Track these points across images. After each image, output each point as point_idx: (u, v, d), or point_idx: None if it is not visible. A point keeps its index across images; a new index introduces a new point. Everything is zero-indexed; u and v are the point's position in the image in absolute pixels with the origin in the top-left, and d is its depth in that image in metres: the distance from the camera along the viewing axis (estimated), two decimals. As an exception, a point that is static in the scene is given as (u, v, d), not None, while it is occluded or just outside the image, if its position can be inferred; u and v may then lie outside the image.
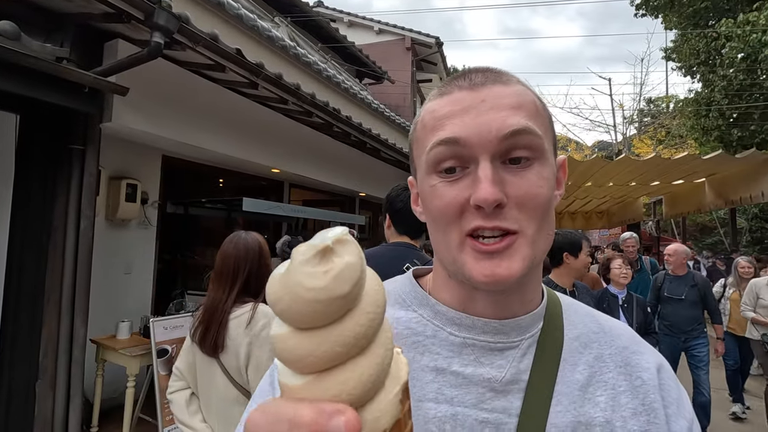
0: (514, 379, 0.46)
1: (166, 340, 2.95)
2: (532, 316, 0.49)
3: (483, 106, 0.43)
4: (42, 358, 2.71)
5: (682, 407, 0.48)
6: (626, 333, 0.53)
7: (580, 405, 0.45)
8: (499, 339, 0.47)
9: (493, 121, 0.42)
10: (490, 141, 0.42)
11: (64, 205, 2.78)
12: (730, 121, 8.17)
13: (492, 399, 0.45)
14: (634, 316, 2.87)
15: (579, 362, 0.48)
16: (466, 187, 0.43)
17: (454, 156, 0.43)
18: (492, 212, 0.42)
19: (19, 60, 2.09)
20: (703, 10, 8.72)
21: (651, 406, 0.46)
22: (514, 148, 0.43)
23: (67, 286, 2.74)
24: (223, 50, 2.90)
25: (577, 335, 0.51)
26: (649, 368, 0.49)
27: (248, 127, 4.10)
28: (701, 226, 17.27)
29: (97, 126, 2.86)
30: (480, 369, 0.46)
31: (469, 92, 0.45)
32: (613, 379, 0.48)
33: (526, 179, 0.43)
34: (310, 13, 6.56)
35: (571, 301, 0.57)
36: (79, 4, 2.46)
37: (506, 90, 0.45)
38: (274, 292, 0.22)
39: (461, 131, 0.43)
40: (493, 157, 0.43)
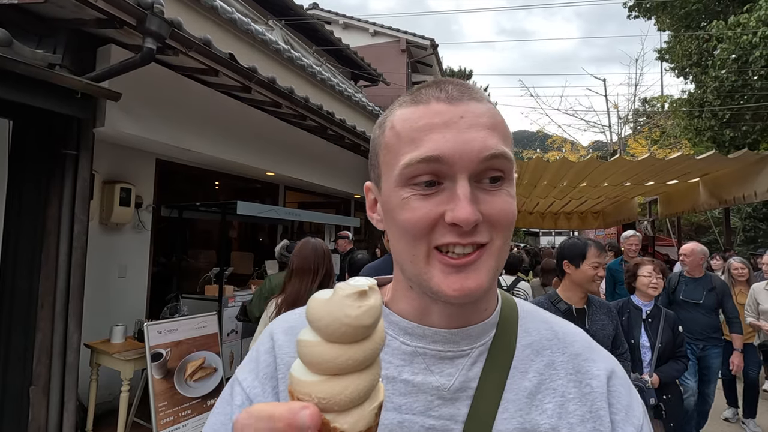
0: (462, 387, 0.47)
1: (160, 343, 2.96)
2: (484, 325, 0.50)
3: (462, 123, 0.44)
4: (36, 363, 2.72)
5: (632, 414, 0.49)
6: (580, 340, 0.54)
7: (526, 412, 0.46)
8: (450, 348, 0.48)
9: (474, 140, 0.43)
10: (471, 161, 0.43)
11: (57, 209, 2.78)
12: (723, 122, 8.24)
13: (440, 406, 0.46)
14: (659, 334, 2.41)
15: (529, 370, 0.49)
16: (439, 203, 0.43)
17: (432, 172, 0.43)
18: (469, 230, 0.42)
19: (11, 66, 2.10)
20: (695, 12, 8.79)
21: (597, 413, 0.47)
22: (490, 168, 0.44)
23: (60, 290, 2.75)
24: (216, 55, 2.92)
25: (530, 342, 0.51)
26: (599, 375, 0.50)
27: (242, 130, 4.11)
28: (696, 225, 17.37)
29: (90, 131, 2.87)
30: (430, 377, 0.47)
31: (447, 105, 0.45)
32: (563, 387, 0.48)
33: (498, 198, 0.44)
34: (305, 16, 6.57)
35: (531, 308, 0.57)
36: (71, 10, 2.47)
37: (481, 108, 0.45)
38: (317, 311, 0.30)
39: (443, 148, 0.43)
40: (471, 176, 0.43)
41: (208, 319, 3.33)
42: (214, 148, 3.78)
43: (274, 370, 0.50)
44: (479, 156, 0.43)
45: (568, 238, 2.15)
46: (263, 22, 5.86)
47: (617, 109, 16.20)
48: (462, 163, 0.42)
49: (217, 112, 3.81)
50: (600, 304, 2.08)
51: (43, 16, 2.74)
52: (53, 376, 2.71)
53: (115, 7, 2.33)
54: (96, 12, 2.39)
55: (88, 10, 2.40)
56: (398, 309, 0.51)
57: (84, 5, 2.30)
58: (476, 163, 0.43)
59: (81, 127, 2.82)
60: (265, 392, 0.49)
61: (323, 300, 0.30)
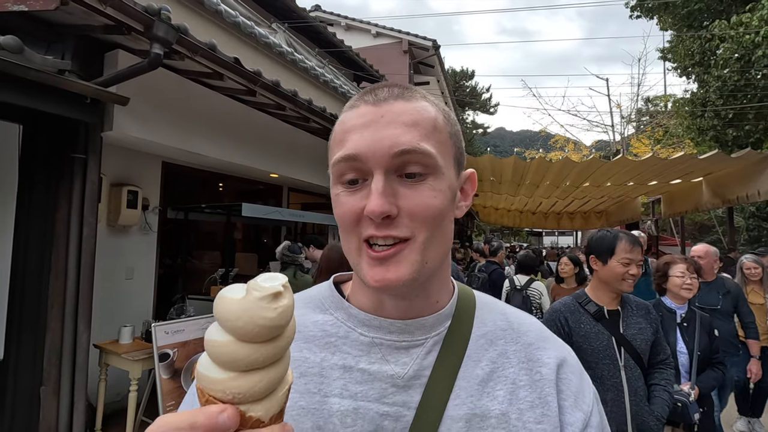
0: (416, 375, 0.49)
1: (167, 344, 3.00)
2: (438, 316, 0.52)
3: (382, 121, 0.46)
4: (46, 364, 2.76)
5: (581, 400, 0.51)
6: (534, 330, 0.56)
7: (477, 398, 0.49)
8: (405, 338, 0.51)
9: (386, 138, 0.45)
10: (382, 157, 0.45)
11: (66, 212, 2.83)
12: (726, 121, 8.23)
13: (394, 393, 0.48)
14: (696, 339, 2.18)
15: (483, 358, 0.52)
16: (362, 197, 0.46)
17: (354, 169, 0.46)
18: (383, 222, 0.45)
19: (22, 73, 2.15)
20: (697, 11, 8.78)
21: (546, 399, 0.50)
22: (407, 163, 0.46)
23: (70, 291, 2.79)
24: (221, 59, 2.96)
25: (485, 333, 0.54)
26: (549, 363, 0.52)
27: (246, 132, 4.16)
28: (699, 224, 17.32)
29: (98, 135, 2.91)
30: (385, 366, 0.49)
31: (372, 107, 0.47)
32: (515, 374, 0.51)
33: (418, 192, 0.46)
34: (308, 19, 6.62)
35: (489, 300, 0.60)
36: (80, 16, 2.52)
37: (406, 106, 0.48)
38: (232, 311, 0.29)
39: (359, 147, 0.46)
40: (387, 171, 0.45)
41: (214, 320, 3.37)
42: (220, 151, 3.82)
43: None
44: (390, 152, 0.45)
45: (597, 231, 1.90)
46: (266, 25, 5.91)
47: (620, 109, 16.17)
48: (375, 159, 0.45)
49: (222, 115, 3.85)
50: (637, 304, 1.83)
51: (52, 23, 2.78)
52: (63, 376, 2.76)
53: (123, 14, 2.37)
54: (104, 18, 2.44)
55: (97, 17, 2.44)
56: (357, 302, 0.54)
57: (93, 12, 2.35)
58: (388, 159, 0.45)
59: (89, 131, 2.86)
60: None
61: (236, 300, 0.29)
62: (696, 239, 17.06)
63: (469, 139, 25.70)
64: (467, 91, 31.06)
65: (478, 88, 32.56)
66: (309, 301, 0.57)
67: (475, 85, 32.45)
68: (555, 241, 31.42)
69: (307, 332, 0.53)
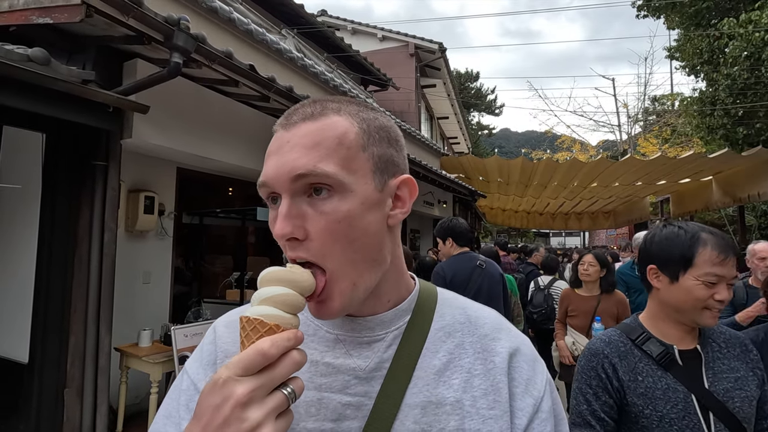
0: (377, 367, 0.52)
1: (186, 347, 3.05)
2: (396, 311, 0.55)
3: (286, 146, 0.48)
4: (69, 366, 2.83)
5: (531, 387, 0.54)
6: (491, 322, 0.59)
7: (434, 387, 0.52)
8: (366, 334, 0.54)
9: (286, 164, 0.47)
10: (284, 182, 0.47)
11: (88, 218, 2.90)
12: (735, 120, 8.17)
13: (356, 385, 0.52)
14: None
15: (440, 350, 0.54)
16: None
17: (269, 193, 0.49)
18: (290, 243, 0.47)
19: (50, 84, 2.22)
20: (705, 9, 8.74)
21: (497, 386, 0.52)
22: (308, 185, 0.47)
23: (92, 296, 2.86)
24: (237, 66, 3.02)
25: (443, 326, 0.57)
26: (501, 353, 0.55)
27: (259, 137, 4.21)
28: (709, 224, 17.17)
29: (118, 142, 2.98)
30: (348, 360, 0.53)
31: (283, 132, 0.50)
32: (470, 364, 0.54)
33: (324, 214, 0.47)
34: (316, 24, 6.69)
35: (449, 296, 0.62)
36: (101, 27, 2.59)
37: (311, 127, 0.48)
38: (301, 276, 0.45)
39: (267, 173, 0.48)
40: (293, 194, 0.47)
41: (231, 323, 3.43)
42: (234, 156, 3.88)
43: (215, 357, 0.57)
44: (288, 177, 0.46)
45: (659, 225, 1.22)
46: (276, 31, 5.98)
47: (627, 108, 16.11)
48: (279, 184, 0.47)
49: (236, 120, 3.92)
50: (728, 339, 1.15)
51: (73, 34, 2.86)
52: (86, 378, 2.82)
53: (144, 25, 2.43)
54: (125, 29, 2.50)
55: (119, 28, 2.51)
56: None
57: (115, 23, 2.41)
58: (288, 184, 0.46)
59: (110, 139, 2.93)
60: (206, 376, 0.55)
61: (298, 270, 0.45)
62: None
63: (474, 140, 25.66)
64: (472, 92, 31.07)
65: (483, 90, 32.57)
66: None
67: (480, 87, 32.47)
68: (562, 242, 31.25)
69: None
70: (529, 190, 10.81)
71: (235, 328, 0.57)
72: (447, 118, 14.23)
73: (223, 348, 0.57)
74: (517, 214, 15.56)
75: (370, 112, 0.53)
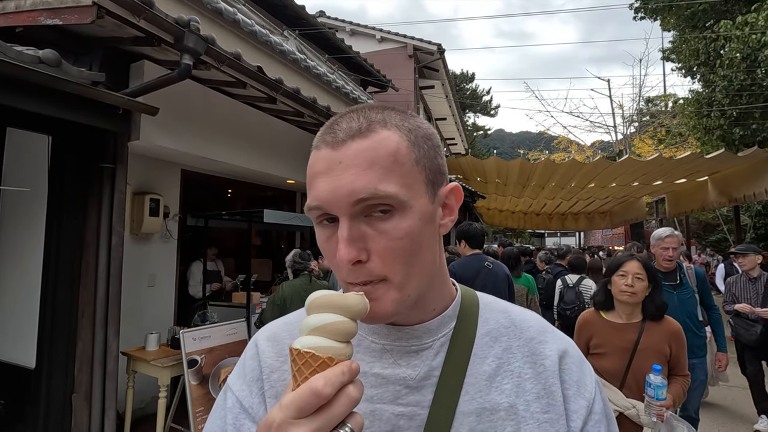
0: (427, 376, 0.52)
1: (195, 350, 3.03)
2: (441, 318, 0.55)
3: (339, 168, 0.45)
4: (77, 371, 2.79)
5: (583, 388, 0.54)
6: (535, 325, 0.59)
7: (486, 393, 0.51)
8: (413, 342, 0.53)
9: (344, 186, 0.45)
10: (342, 206, 0.45)
11: (96, 221, 2.87)
12: (732, 120, 8.27)
13: (407, 394, 0.51)
14: None
15: (489, 355, 0.54)
16: (336, 241, 0.46)
17: (323, 215, 0.47)
18: (354, 268, 0.45)
19: (61, 86, 2.19)
20: (701, 12, 8.85)
21: (550, 390, 0.52)
22: (368, 206, 0.45)
23: (100, 299, 2.83)
24: (246, 68, 3.00)
25: (489, 330, 0.57)
26: (551, 356, 0.55)
27: (265, 139, 4.20)
28: (704, 224, 17.34)
29: (125, 145, 2.95)
30: (397, 370, 0.52)
31: (331, 151, 0.47)
32: (519, 368, 0.54)
33: (384, 235, 0.46)
34: (317, 26, 6.68)
35: (490, 300, 0.62)
36: (110, 29, 2.56)
37: (362, 145, 0.46)
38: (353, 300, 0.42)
39: (321, 196, 0.46)
40: (352, 216, 0.45)
41: (238, 326, 3.40)
42: (240, 158, 3.86)
43: (259, 373, 0.55)
44: (348, 201, 0.44)
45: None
46: (279, 32, 5.97)
47: (622, 110, 16.25)
48: (336, 208, 0.45)
49: (242, 122, 3.90)
50: None
51: (79, 35, 2.83)
52: (95, 383, 2.79)
53: (155, 26, 2.41)
54: (135, 30, 2.48)
55: (128, 29, 2.49)
56: None
57: (125, 25, 2.39)
58: (348, 207, 0.45)
59: (117, 141, 2.91)
60: (252, 394, 0.55)
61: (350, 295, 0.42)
62: (701, 238, 17.08)
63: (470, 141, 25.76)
64: (468, 93, 31.17)
65: (478, 91, 32.68)
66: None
67: (475, 88, 32.57)
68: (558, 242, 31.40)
69: None
70: (526, 191, 10.86)
71: (276, 341, 0.58)
72: (445, 119, 14.26)
73: (267, 363, 0.56)
74: (514, 214, 15.62)
75: (412, 120, 0.52)
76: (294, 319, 0.61)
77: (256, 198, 6.27)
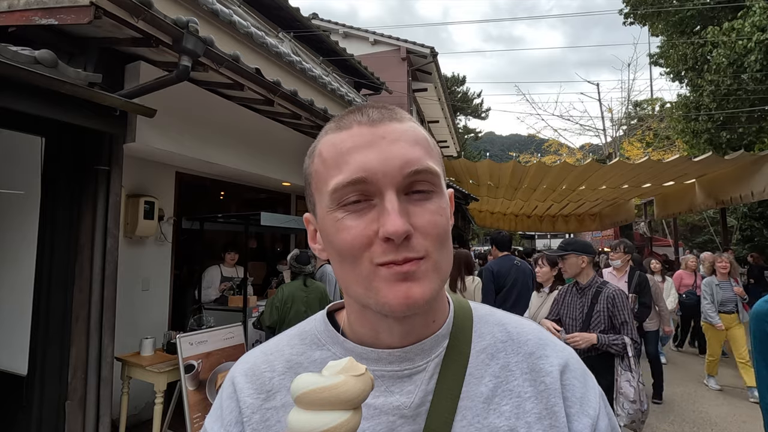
0: (422, 402, 0.48)
1: (192, 355, 2.99)
2: (436, 337, 0.51)
3: (384, 142, 0.45)
4: (71, 378, 2.73)
5: (586, 405, 0.50)
6: (533, 338, 0.54)
7: (484, 417, 0.47)
8: (405, 366, 0.49)
9: (396, 157, 0.44)
10: (394, 176, 0.44)
11: (90, 224, 2.82)
12: (719, 124, 8.43)
13: (402, 425, 0.47)
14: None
15: (485, 374, 0.50)
16: (373, 219, 0.44)
17: (360, 192, 0.44)
18: (401, 243, 0.43)
19: (58, 87, 2.15)
20: (689, 18, 9.03)
21: (552, 410, 0.48)
22: (416, 182, 0.45)
23: (95, 304, 2.78)
24: (244, 70, 2.98)
25: (485, 347, 0.52)
26: (551, 372, 0.51)
27: (261, 141, 4.17)
28: (691, 225, 17.65)
29: (120, 146, 2.91)
30: (390, 398, 0.48)
31: (369, 128, 0.46)
32: (519, 387, 0.50)
33: (427, 210, 0.45)
34: (312, 28, 6.67)
35: (485, 312, 0.58)
36: (107, 29, 2.52)
37: (403, 126, 0.47)
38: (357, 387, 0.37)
39: (367, 168, 0.44)
40: (398, 190, 0.44)
41: (235, 330, 3.37)
42: (236, 160, 3.83)
43: (238, 414, 0.51)
44: (402, 171, 0.44)
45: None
46: (274, 34, 5.94)
47: (611, 113, 16.48)
48: (387, 179, 0.44)
49: (239, 124, 3.87)
50: None
51: (74, 35, 2.79)
52: (89, 390, 2.73)
53: (153, 27, 2.38)
54: (132, 31, 2.45)
55: (125, 30, 2.45)
56: (353, 334, 0.53)
57: (123, 26, 2.36)
58: (400, 178, 0.44)
59: (113, 142, 2.86)
60: None
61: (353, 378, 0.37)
62: (688, 240, 17.37)
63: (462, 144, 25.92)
64: (459, 96, 31.36)
65: (469, 94, 32.91)
66: (305, 337, 0.56)
67: (466, 91, 32.80)
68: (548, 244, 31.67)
69: None
70: (518, 193, 10.94)
71: (256, 376, 0.53)
72: (437, 122, 14.32)
73: (247, 403, 0.51)
74: (505, 216, 15.72)
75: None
76: (273, 348, 0.56)
77: (251, 201, 6.23)
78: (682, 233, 16.57)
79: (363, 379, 0.37)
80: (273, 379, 0.52)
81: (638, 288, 3.97)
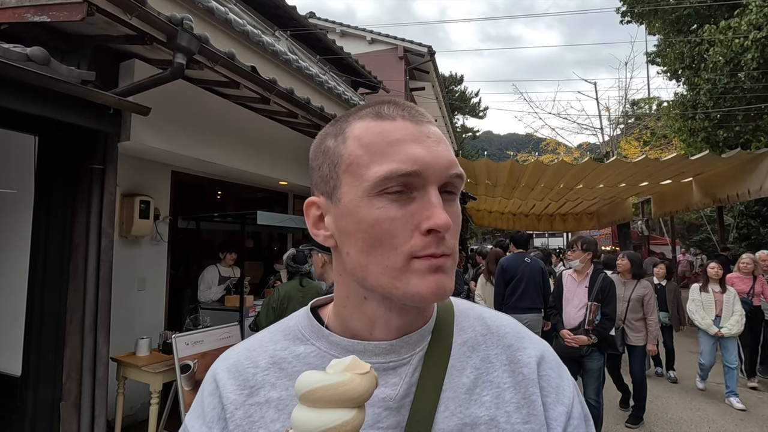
0: (406, 394, 0.49)
1: (188, 355, 2.97)
2: (421, 331, 0.52)
3: (429, 140, 0.47)
4: (66, 379, 2.71)
5: (561, 394, 0.52)
6: (512, 330, 0.57)
7: (465, 407, 0.49)
8: (391, 358, 0.50)
9: (443, 157, 0.46)
10: (440, 174, 0.46)
11: (85, 223, 2.79)
12: (716, 123, 8.45)
13: (387, 417, 0.48)
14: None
15: (466, 366, 0.52)
16: (414, 212, 0.45)
17: (406, 184, 0.45)
18: (438, 238, 0.45)
19: (51, 84, 2.13)
20: (686, 16, 9.04)
21: (530, 399, 0.51)
22: (450, 183, 0.47)
23: (89, 304, 2.75)
24: (240, 68, 2.96)
25: (465, 340, 0.54)
26: (529, 363, 0.53)
27: (258, 140, 4.15)
28: (688, 224, 17.70)
29: (115, 145, 2.89)
30: (376, 390, 0.47)
31: (414, 124, 0.47)
32: (499, 378, 0.52)
33: (454, 211, 0.48)
34: (308, 27, 6.64)
35: (465, 306, 0.60)
36: (100, 27, 2.50)
37: (438, 130, 0.50)
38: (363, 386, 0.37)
39: (420, 162, 0.45)
40: (439, 187, 0.46)
41: (232, 330, 3.35)
42: (233, 159, 3.81)
43: (221, 411, 0.50)
44: (447, 171, 0.46)
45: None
46: (270, 33, 5.91)
47: (609, 112, 16.51)
48: (434, 175, 0.45)
49: (235, 123, 3.85)
50: None
51: (67, 32, 2.76)
52: (84, 391, 2.71)
53: (147, 24, 2.36)
54: (126, 29, 2.42)
55: (118, 27, 2.43)
56: (337, 327, 0.53)
57: (116, 23, 2.33)
58: (444, 177, 0.46)
59: (107, 141, 2.84)
60: None
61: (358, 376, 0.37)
62: (685, 238, 17.43)
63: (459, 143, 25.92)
64: (456, 95, 31.36)
65: (467, 93, 32.90)
66: (288, 332, 0.56)
67: (464, 90, 32.79)
68: (545, 243, 31.72)
69: (291, 369, 0.51)
70: (516, 192, 10.94)
71: (239, 372, 0.52)
72: (435, 121, 14.29)
73: (230, 399, 0.50)
74: (503, 215, 15.73)
75: None
76: (256, 344, 0.55)
77: (248, 200, 6.20)
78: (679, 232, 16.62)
79: (368, 377, 0.37)
80: (256, 375, 0.52)
81: (601, 295, 3.33)
